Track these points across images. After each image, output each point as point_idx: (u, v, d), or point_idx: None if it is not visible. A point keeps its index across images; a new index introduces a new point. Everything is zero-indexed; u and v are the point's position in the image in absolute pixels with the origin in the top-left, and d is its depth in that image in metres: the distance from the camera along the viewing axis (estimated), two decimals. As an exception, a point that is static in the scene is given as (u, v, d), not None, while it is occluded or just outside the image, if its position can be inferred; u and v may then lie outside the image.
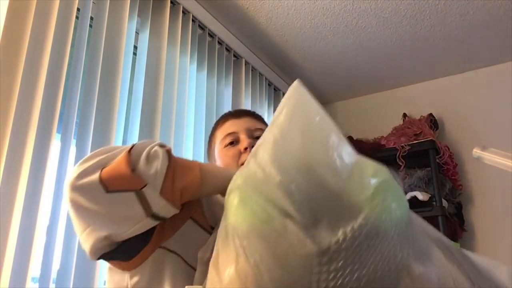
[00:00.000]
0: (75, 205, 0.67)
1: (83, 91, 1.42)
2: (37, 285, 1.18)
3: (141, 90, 1.61)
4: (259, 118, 1.10)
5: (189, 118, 1.81)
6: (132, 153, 0.68)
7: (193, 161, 0.76)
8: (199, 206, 0.81)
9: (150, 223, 0.69)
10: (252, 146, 0.97)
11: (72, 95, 1.36)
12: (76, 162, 1.32)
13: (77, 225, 0.69)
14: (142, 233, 0.70)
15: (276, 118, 0.65)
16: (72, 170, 0.70)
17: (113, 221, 0.67)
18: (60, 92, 1.30)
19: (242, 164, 0.96)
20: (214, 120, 1.91)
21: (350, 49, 2.53)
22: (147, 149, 0.70)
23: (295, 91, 0.69)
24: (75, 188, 0.66)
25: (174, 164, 0.70)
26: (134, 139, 1.55)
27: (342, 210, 0.58)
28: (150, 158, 0.68)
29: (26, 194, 1.14)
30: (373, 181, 0.61)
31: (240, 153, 0.99)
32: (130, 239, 0.69)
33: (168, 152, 0.72)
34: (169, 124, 1.67)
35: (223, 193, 0.72)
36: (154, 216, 0.68)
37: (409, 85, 2.95)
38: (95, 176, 0.66)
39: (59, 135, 1.32)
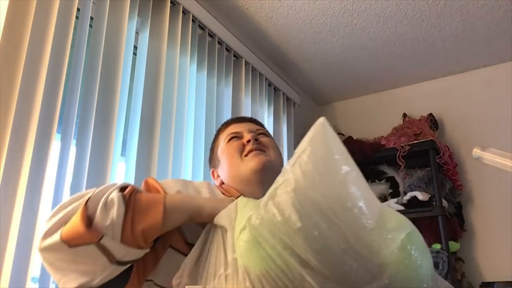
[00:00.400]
0: (46, 262, 0.72)
1: (83, 91, 1.42)
2: (37, 285, 1.18)
3: (141, 90, 1.61)
4: (260, 124, 1.12)
5: (189, 118, 1.81)
6: (88, 206, 0.69)
7: (158, 197, 0.75)
8: (176, 230, 0.79)
9: (118, 270, 0.70)
10: (256, 140, 0.97)
11: (72, 95, 1.36)
12: (76, 162, 1.33)
13: (53, 277, 0.73)
14: (120, 274, 0.71)
15: (299, 157, 0.62)
16: (41, 228, 0.73)
17: (81, 272, 0.69)
18: (60, 92, 1.30)
19: (246, 155, 0.97)
20: (214, 120, 1.93)
21: (350, 49, 2.54)
22: (104, 198, 0.70)
23: (320, 129, 0.65)
24: (42, 249, 0.71)
25: (133, 207, 0.71)
26: (134, 139, 1.55)
27: (365, 266, 0.55)
28: (106, 208, 0.69)
29: (26, 194, 1.14)
30: (398, 234, 0.58)
31: (244, 145, 1.00)
32: (108, 282, 0.70)
33: (125, 196, 0.71)
34: (169, 124, 1.67)
35: (193, 221, 0.74)
36: (120, 263, 0.70)
37: (409, 85, 2.96)
38: (57, 236, 0.69)
39: (59, 135, 1.32)
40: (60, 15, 1.33)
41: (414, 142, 2.52)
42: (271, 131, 2.13)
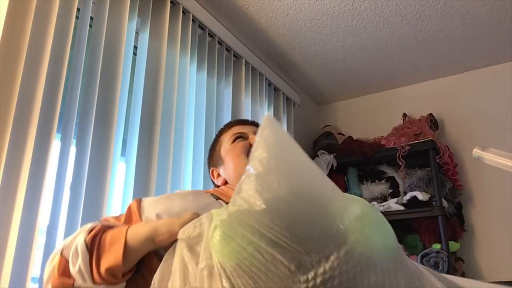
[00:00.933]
0: None
1: (83, 91, 1.42)
2: (37, 285, 1.18)
3: (141, 90, 1.61)
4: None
5: (189, 118, 1.81)
6: (63, 255, 0.77)
7: (120, 233, 0.77)
8: (153, 254, 0.80)
9: None
10: None
11: (72, 95, 1.36)
12: (76, 162, 1.33)
13: None
14: None
15: (254, 153, 0.66)
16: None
17: None
18: (60, 92, 1.30)
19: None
20: (214, 120, 1.93)
21: (350, 49, 2.54)
22: (73, 248, 0.76)
23: (267, 122, 0.70)
24: None
25: (96, 250, 0.75)
26: (134, 139, 1.55)
27: (331, 234, 0.58)
28: (75, 256, 0.75)
29: (26, 194, 1.14)
30: (358, 207, 0.62)
31: (250, 145, 1.00)
32: None
33: (87, 241, 0.75)
34: (169, 124, 1.67)
35: (158, 244, 0.74)
36: None
37: (409, 85, 2.96)
38: (49, 286, 0.78)
39: (59, 135, 1.32)
40: (60, 15, 1.33)
41: (414, 142, 2.52)
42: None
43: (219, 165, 1.07)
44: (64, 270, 0.75)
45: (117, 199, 1.48)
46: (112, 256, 0.74)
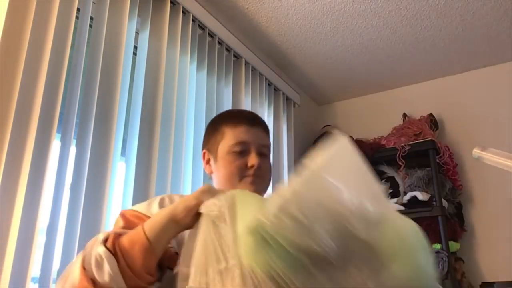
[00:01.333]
0: None
1: (83, 91, 1.42)
2: (37, 285, 1.18)
3: (141, 90, 1.61)
4: (267, 131, 1.10)
5: (189, 118, 1.81)
6: (86, 269, 0.74)
7: (136, 231, 0.77)
8: (174, 254, 0.81)
9: None
10: (259, 167, 0.99)
11: (72, 95, 1.36)
12: (76, 162, 1.33)
13: None
14: None
15: (312, 160, 0.64)
16: None
17: None
18: (60, 92, 1.30)
19: (244, 177, 0.99)
20: (214, 120, 1.93)
21: (350, 49, 2.54)
22: (93, 258, 0.73)
23: (340, 142, 0.69)
24: None
25: (121, 254, 0.74)
26: (134, 139, 1.55)
27: (372, 257, 0.59)
28: (99, 266, 0.73)
29: (26, 194, 1.14)
30: (406, 238, 0.63)
31: (246, 168, 1.00)
32: None
33: (109, 248, 0.74)
34: (169, 124, 1.67)
35: (179, 225, 0.75)
36: None
37: (409, 85, 2.95)
38: None
39: (59, 135, 1.32)
40: (60, 15, 1.33)
41: (414, 142, 2.52)
42: (271, 131, 2.13)
43: (212, 156, 1.06)
44: (87, 282, 0.73)
45: (117, 199, 1.48)
46: (140, 253, 0.73)
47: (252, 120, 1.07)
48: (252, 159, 1.00)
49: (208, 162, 1.07)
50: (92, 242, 0.77)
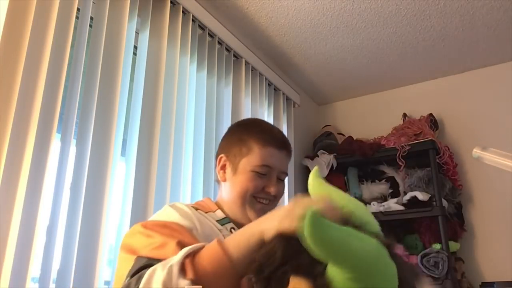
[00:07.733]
0: None
1: (83, 91, 1.42)
2: (37, 285, 1.18)
3: (141, 90, 1.61)
4: (291, 155, 1.10)
5: (189, 118, 1.81)
6: None
7: (216, 251, 0.73)
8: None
9: None
10: (275, 195, 1.02)
11: (72, 95, 1.36)
12: (76, 162, 1.33)
13: None
14: None
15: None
16: None
17: None
18: (60, 92, 1.30)
19: (255, 198, 1.01)
20: (214, 120, 1.93)
21: (350, 49, 2.54)
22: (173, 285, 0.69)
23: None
24: None
25: (205, 277, 0.70)
26: (134, 139, 1.55)
27: None
28: None
29: (26, 194, 1.14)
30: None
31: (263, 190, 1.01)
32: None
33: (190, 278, 0.70)
34: (169, 124, 1.67)
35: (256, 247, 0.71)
36: None
37: (409, 85, 2.96)
38: None
39: (59, 135, 1.32)
40: (60, 15, 1.33)
41: (414, 142, 2.52)
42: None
43: (231, 167, 1.04)
44: None
45: (117, 199, 1.48)
46: (225, 277, 0.71)
47: (282, 143, 1.06)
48: (272, 187, 1.02)
49: (223, 168, 1.06)
50: (163, 277, 0.70)
